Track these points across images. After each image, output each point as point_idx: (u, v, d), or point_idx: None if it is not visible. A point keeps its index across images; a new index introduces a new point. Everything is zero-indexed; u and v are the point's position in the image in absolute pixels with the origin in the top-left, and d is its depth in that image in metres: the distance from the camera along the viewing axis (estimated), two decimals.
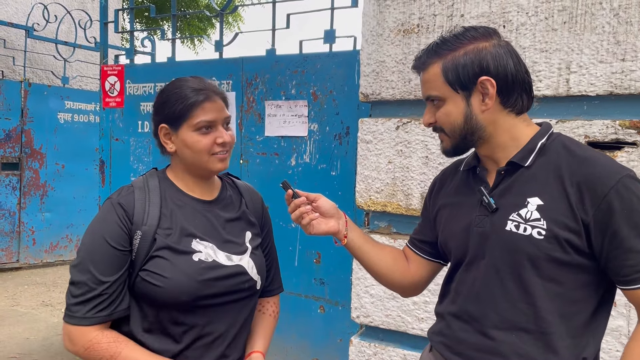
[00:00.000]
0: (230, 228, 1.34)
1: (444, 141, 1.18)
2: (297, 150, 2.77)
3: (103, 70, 3.71)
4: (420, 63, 1.17)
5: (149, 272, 1.21)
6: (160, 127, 1.30)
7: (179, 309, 1.22)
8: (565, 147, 1.10)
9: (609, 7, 1.75)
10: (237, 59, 2.98)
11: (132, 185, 1.30)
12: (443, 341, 1.23)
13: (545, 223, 1.05)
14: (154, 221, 1.23)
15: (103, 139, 3.76)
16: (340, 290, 2.70)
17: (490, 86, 1.09)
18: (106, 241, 1.20)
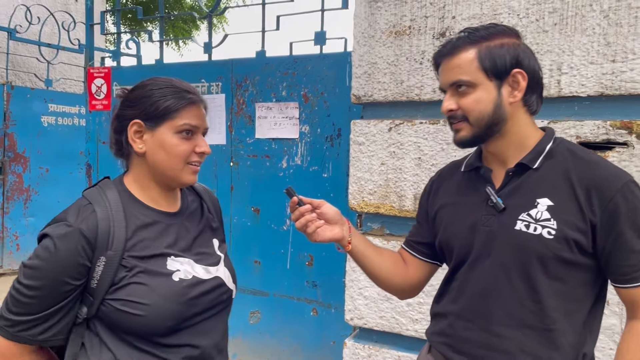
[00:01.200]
0: (200, 239, 1.25)
1: (463, 130, 1.16)
2: (289, 152, 2.76)
3: (89, 73, 3.66)
4: (450, 48, 1.15)
5: (124, 302, 1.08)
6: (133, 122, 1.15)
7: (162, 334, 1.12)
8: (571, 152, 1.14)
9: (599, 9, 1.77)
10: (227, 60, 2.96)
11: (89, 201, 1.12)
12: (445, 341, 1.23)
13: (555, 223, 1.07)
14: (120, 244, 1.09)
15: (90, 142, 3.71)
16: (332, 292, 2.69)
17: (522, 79, 1.12)
18: (64, 279, 1.06)
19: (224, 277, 1.24)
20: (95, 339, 1.12)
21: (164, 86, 1.16)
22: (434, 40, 2.07)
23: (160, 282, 1.11)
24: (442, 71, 1.19)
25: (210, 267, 1.21)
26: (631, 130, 1.73)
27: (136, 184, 1.19)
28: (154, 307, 1.08)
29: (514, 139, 1.16)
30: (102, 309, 1.10)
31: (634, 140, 1.73)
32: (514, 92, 1.13)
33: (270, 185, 2.78)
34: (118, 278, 1.09)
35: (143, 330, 1.09)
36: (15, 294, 1.07)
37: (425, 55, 2.08)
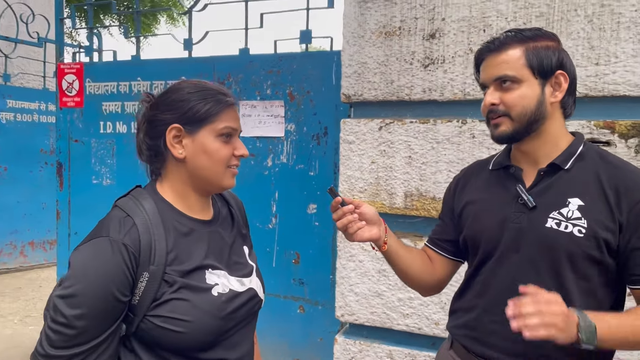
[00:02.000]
0: (234, 247, 1.23)
1: (503, 125, 1.19)
2: (274, 151, 2.76)
3: (60, 69, 3.55)
4: (497, 45, 1.19)
5: (165, 318, 1.05)
6: (172, 127, 1.11)
7: (201, 349, 1.10)
8: (601, 155, 1.19)
9: (584, 14, 1.86)
10: (208, 58, 2.93)
11: (127, 213, 1.08)
12: (470, 334, 1.26)
13: (585, 222, 1.12)
14: (162, 259, 1.05)
15: (60, 140, 3.60)
16: (319, 289, 2.71)
17: (564, 80, 1.17)
18: (114, 295, 1.01)
19: (257, 288, 1.22)
20: (130, 356, 1.09)
21: (200, 89, 1.14)
22: (423, 41, 2.11)
23: (202, 297, 1.08)
24: (485, 67, 1.22)
25: (244, 279, 1.20)
26: (614, 129, 1.82)
27: (172, 192, 1.16)
28: (195, 324, 1.06)
29: (548, 139, 1.20)
30: (141, 325, 1.06)
31: (616, 139, 1.82)
32: (555, 92, 1.17)
33: (256, 184, 2.78)
34: (160, 294, 1.05)
35: (183, 347, 1.07)
36: (62, 328, 0.99)
37: (415, 55, 2.13)
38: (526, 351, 1.17)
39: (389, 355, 2.23)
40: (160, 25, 13.78)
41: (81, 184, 3.53)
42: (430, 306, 2.13)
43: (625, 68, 1.81)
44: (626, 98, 1.83)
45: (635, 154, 1.79)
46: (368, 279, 2.23)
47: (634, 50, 1.79)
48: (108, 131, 3.38)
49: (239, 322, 1.16)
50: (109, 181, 3.45)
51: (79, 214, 3.57)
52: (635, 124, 1.79)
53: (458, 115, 2.09)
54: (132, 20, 12.49)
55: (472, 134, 2.03)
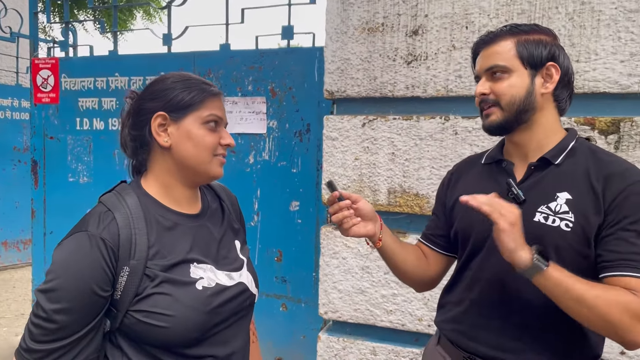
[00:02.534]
0: (223, 242, 1.20)
1: (493, 114, 1.20)
2: (256, 148, 2.73)
3: (34, 64, 3.46)
4: (490, 37, 1.22)
5: (148, 313, 1.03)
6: (157, 115, 1.10)
7: (186, 345, 1.08)
8: (592, 151, 1.19)
9: (565, 12, 1.88)
10: (188, 53, 2.89)
11: (108, 208, 1.07)
12: (458, 328, 1.26)
13: (573, 216, 1.12)
14: (143, 253, 1.04)
15: (35, 137, 3.51)
16: (302, 287, 2.70)
17: (555, 72, 1.18)
18: (93, 290, 1.00)
19: (247, 282, 1.20)
20: (116, 351, 1.08)
21: (184, 78, 1.14)
22: (406, 37, 2.11)
23: (185, 291, 1.06)
24: (479, 59, 1.24)
25: (233, 273, 1.17)
26: (594, 126, 1.85)
27: (157, 184, 1.15)
28: (178, 319, 1.04)
29: (540, 131, 1.20)
30: (125, 321, 1.05)
31: (596, 136, 1.85)
32: (546, 83, 1.18)
33: (237, 181, 2.75)
34: (142, 288, 1.04)
35: (167, 342, 1.06)
36: (42, 323, 0.99)
37: (398, 52, 2.13)
38: (512, 346, 1.17)
39: (373, 352, 2.23)
40: (136, 21, 13.57)
41: (57, 182, 3.45)
42: (414, 302, 2.13)
43: (605, 65, 1.83)
44: (606, 95, 1.85)
45: (615, 150, 1.81)
46: (351, 275, 2.23)
47: (614, 47, 1.82)
48: (85, 128, 3.31)
49: (228, 317, 1.14)
50: (86, 179, 3.38)
51: (55, 213, 3.49)
52: (615, 120, 1.81)
53: (441, 112, 2.10)
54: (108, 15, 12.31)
55: (454, 131, 2.04)
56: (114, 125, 3.22)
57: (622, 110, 1.85)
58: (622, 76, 1.82)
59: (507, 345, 1.18)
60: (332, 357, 2.29)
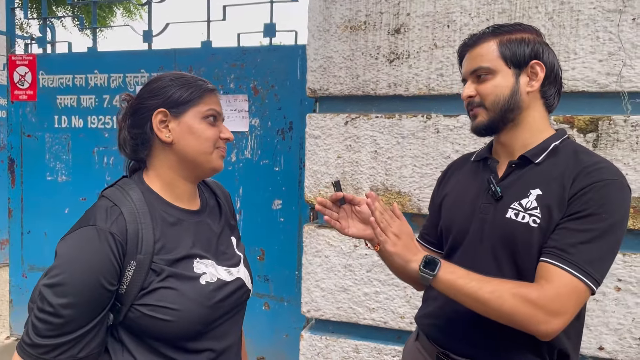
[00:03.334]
0: (222, 237, 1.23)
1: (479, 115, 1.21)
2: (238, 146, 2.71)
3: (11, 60, 3.39)
4: (474, 39, 1.22)
5: (153, 307, 1.05)
6: (158, 111, 1.12)
7: (189, 339, 1.10)
8: (575, 152, 1.17)
9: (544, 11, 1.90)
10: (169, 50, 2.86)
11: (114, 203, 1.08)
12: (433, 322, 1.28)
13: (540, 212, 1.12)
14: (149, 248, 1.06)
15: (12, 135, 3.44)
16: (285, 286, 2.69)
17: (540, 70, 1.18)
18: (101, 284, 1.00)
19: (244, 278, 1.22)
20: (117, 345, 1.09)
21: (180, 77, 1.17)
22: (388, 36, 2.11)
23: (190, 286, 1.08)
24: (465, 62, 1.24)
25: (232, 268, 1.20)
26: (573, 124, 1.87)
27: (159, 180, 1.16)
28: (183, 312, 1.06)
29: (526, 130, 1.20)
30: (129, 315, 1.06)
31: (575, 134, 1.87)
32: (531, 82, 1.18)
33: (219, 180, 2.71)
34: (147, 282, 1.05)
35: (170, 335, 1.07)
36: (48, 317, 0.99)
37: (380, 50, 2.13)
38: (484, 343, 1.18)
39: (355, 350, 2.23)
40: (116, 18, 13.41)
41: (35, 181, 3.39)
42: (396, 300, 2.14)
43: (584, 64, 1.86)
44: (585, 94, 1.88)
45: (593, 148, 1.84)
46: (334, 274, 2.23)
47: (592, 47, 1.84)
48: (63, 125, 3.26)
49: (227, 312, 1.16)
50: (65, 177, 3.32)
51: (33, 212, 3.43)
52: (593, 119, 1.84)
53: (423, 110, 2.11)
54: (87, 11, 12.13)
55: (436, 129, 2.05)
56: (93, 123, 3.17)
57: (600, 109, 1.88)
58: (601, 75, 1.84)
59: (479, 341, 1.18)
60: (314, 356, 2.29)
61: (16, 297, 3.65)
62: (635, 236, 1.82)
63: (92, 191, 3.18)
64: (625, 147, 1.81)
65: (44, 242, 3.44)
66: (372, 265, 2.16)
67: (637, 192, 1.80)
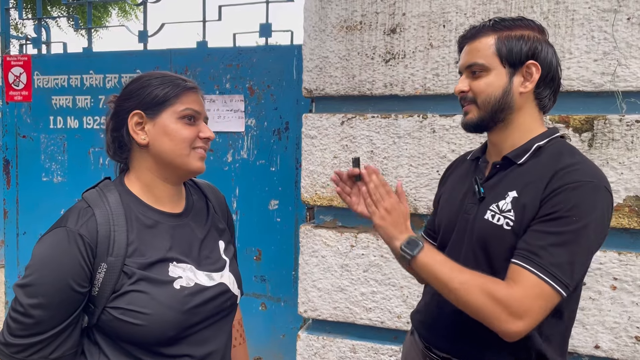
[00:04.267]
0: (206, 241, 1.20)
1: (470, 112, 1.20)
2: (234, 146, 2.71)
3: (5, 61, 3.37)
4: (473, 33, 1.20)
5: (124, 310, 1.04)
6: (133, 113, 1.11)
7: (162, 344, 1.08)
8: (560, 153, 1.15)
9: (540, 11, 1.90)
10: (165, 50, 2.85)
11: (88, 204, 1.08)
12: (420, 319, 1.31)
13: (514, 215, 1.12)
14: (122, 250, 1.05)
15: (7, 135, 3.43)
16: (282, 286, 2.69)
17: (535, 71, 1.16)
18: (70, 285, 1.01)
19: (229, 283, 1.19)
20: (94, 347, 1.08)
21: (159, 76, 1.14)
22: (384, 36, 2.12)
23: (162, 290, 1.06)
24: (462, 54, 1.23)
25: (214, 273, 1.16)
26: (568, 124, 1.88)
27: (139, 183, 1.15)
28: (154, 317, 1.04)
29: (516, 131, 1.19)
30: (102, 317, 1.05)
31: (570, 133, 1.87)
32: (525, 82, 1.16)
33: (216, 180, 2.67)
34: (119, 285, 1.04)
35: (142, 340, 1.05)
36: (20, 317, 1.00)
37: (376, 50, 2.13)
38: (461, 338, 1.19)
39: (352, 350, 2.23)
40: (111, 19, 13.37)
41: (30, 182, 3.38)
42: (393, 300, 2.14)
43: (579, 64, 1.86)
44: (580, 93, 1.89)
45: (589, 148, 1.84)
46: (331, 274, 2.23)
47: (587, 46, 1.85)
48: (58, 126, 3.24)
49: (207, 318, 1.13)
50: (60, 178, 3.31)
51: (29, 213, 3.41)
52: (589, 118, 1.85)
53: (419, 110, 2.11)
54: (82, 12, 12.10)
55: (432, 129, 2.05)
56: (89, 124, 3.16)
57: (595, 108, 1.89)
58: (596, 75, 1.85)
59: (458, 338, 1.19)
60: (311, 356, 2.29)
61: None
62: (630, 235, 1.83)
63: None
64: (621, 147, 1.81)
65: None
66: (368, 265, 2.16)
67: (632, 192, 1.81)
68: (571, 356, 1.92)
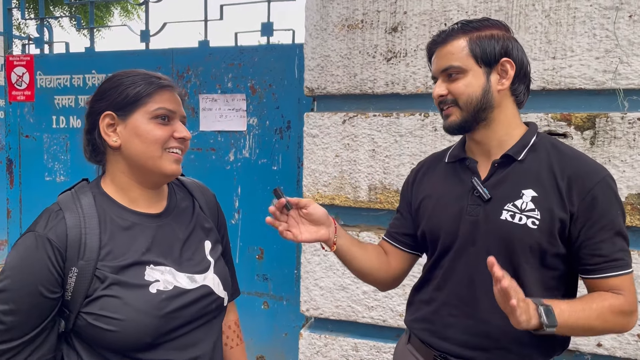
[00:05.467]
0: (189, 242, 1.15)
1: (453, 114, 1.20)
2: (236, 145, 2.71)
3: (8, 61, 3.38)
4: (443, 37, 1.21)
5: (97, 316, 1.00)
6: (104, 114, 1.06)
7: (140, 350, 1.03)
8: (554, 146, 1.20)
9: (541, 9, 1.90)
10: (167, 50, 2.85)
11: (59, 207, 1.05)
12: (428, 327, 1.26)
13: (539, 213, 1.13)
14: (93, 254, 1.01)
15: (10, 135, 3.44)
16: (284, 285, 2.69)
17: (510, 68, 1.17)
18: (40, 291, 0.98)
19: (213, 285, 1.14)
20: (72, 353, 1.06)
21: (132, 75, 1.09)
22: (386, 34, 2.12)
23: (136, 295, 1.02)
24: (434, 60, 1.23)
25: (197, 275, 1.12)
26: (570, 122, 1.87)
27: (113, 185, 1.11)
28: (128, 323, 1.00)
29: (499, 128, 1.21)
30: (77, 322, 1.03)
31: (572, 131, 1.87)
32: (502, 80, 1.18)
33: (218, 179, 2.73)
34: (92, 290, 1.01)
35: (117, 346, 1.02)
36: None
37: (377, 49, 2.13)
38: (482, 344, 1.18)
39: (354, 348, 2.23)
40: (114, 18, 13.40)
41: (33, 181, 3.39)
42: (395, 298, 2.14)
43: (580, 62, 1.86)
44: (582, 91, 1.88)
45: (591, 146, 1.84)
46: (333, 272, 2.23)
47: (589, 44, 1.85)
48: (61, 126, 3.25)
49: (188, 322, 1.09)
50: (63, 178, 3.32)
51: (31, 213, 3.42)
52: (591, 116, 1.84)
53: (420, 109, 2.11)
54: (84, 12, 12.12)
55: (434, 127, 2.05)
56: None
57: (597, 106, 1.88)
58: (598, 72, 1.85)
59: (476, 344, 1.18)
60: (314, 354, 2.29)
61: None
62: (633, 233, 1.82)
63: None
64: (623, 144, 1.81)
65: None
66: None
67: (634, 189, 1.81)
68: (573, 354, 1.92)
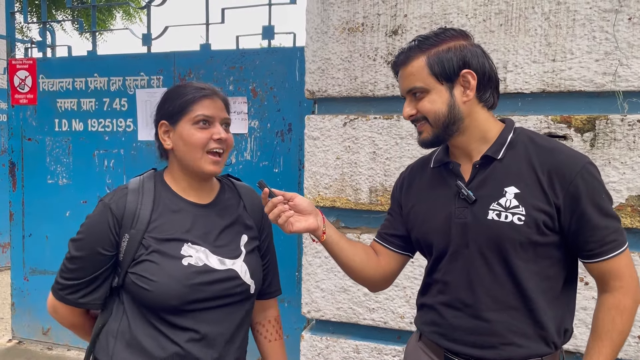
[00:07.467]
0: (227, 232, 1.33)
1: (424, 131, 1.23)
2: (237, 148, 2.72)
3: (11, 64, 3.41)
4: (403, 59, 1.22)
5: (138, 276, 1.23)
6: (161, 123, 1.31)
7: (169, 312, 1.23)
8: (532, 140, 1.22)
9: (541, 12, 1.91)
10: (169, 53, 2.87)
11: (127, 186, 1.31)
12: (437, 330, 1.28)
13: (523, 209, 1.15)
14: (143, 226, 1.24)
15: (13, 138, 3.46)
16: (285, 286, 2.66)
17: (471, 78, 1.19)
18: (98, 248, 1.24)
19: (240, 271, 1.30)
20: (120, 306, 1.28)
21: (182, 87, 1.31)
22: (386, 37, 2.13)
23: (170, 263, 1.23)
24: (400, 79, 1.26)
25: (227, 260, 1.29)
26: (570, 124, 1.88)
27: (171, 176, 1.34)
28: (160, 285, 1.21)
29: (475, 134, 1.23)
30: (125, 279, 1.25)
31: (572, 133, 1.88)
32: (466, 91, 1.19)
33: None
34: (138, 254, 1.24)
35: (151, 304, 1.23)
36: (66, 262, 1.27)
37: (378, 52, 2.14)
38: (490, 342, 1.19)
39: (356, 350, 2.24)
40: (116, 22, 13.43)
41: (36, 184, 3.41)
42: (396, 300, 2.15)
43: (580, 64, 1.87)
44: (581, 93, 1.89)
45: (591, 148, 1.85)
46: (334, 274, 2.24)
47: (589, 46, 1.85)
48: (64, 129, 3.27)
49: (213, 298, 1.26)
50: (65, 180, 3.34)
51: (34, 215, 3.44)
52: (590, 118, 1.85)
53: None
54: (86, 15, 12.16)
55: None
56: (93, 126, 3.18)
57: (597, 108, 1.89)
58: (597, 75, 1.85)
59: (484, 343, 1.20)
60: (315, 356, 2.29)
61: (18, 300, 3.66)
62: (633, 235, 1.83)
63: (93, 194, 3.19)
64: (622, 146, 1.82)
65: (45, 245, 3.45)
66: None
67: (634, 191, 1.81)
68: (574, 355, 1.92)
